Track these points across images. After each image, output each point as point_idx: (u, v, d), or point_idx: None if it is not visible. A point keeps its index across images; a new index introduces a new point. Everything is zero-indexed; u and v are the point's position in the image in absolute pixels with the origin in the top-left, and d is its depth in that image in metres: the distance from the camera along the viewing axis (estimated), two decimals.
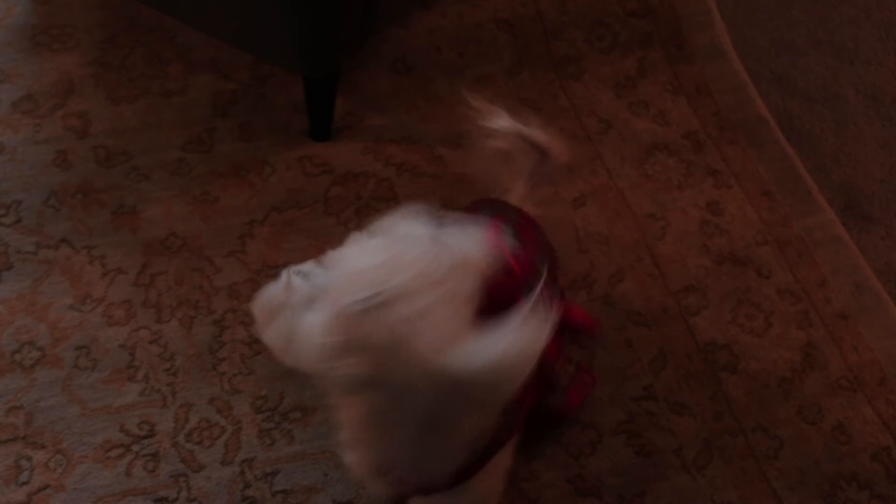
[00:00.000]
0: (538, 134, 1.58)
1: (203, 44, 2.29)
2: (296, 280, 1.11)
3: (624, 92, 2.33)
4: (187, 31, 2.29)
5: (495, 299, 1.15)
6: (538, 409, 1.55)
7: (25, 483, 1.69)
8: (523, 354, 1.06)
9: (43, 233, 1.98)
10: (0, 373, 1.80)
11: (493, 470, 1.39)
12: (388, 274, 1.06)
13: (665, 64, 2.40)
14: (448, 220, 1.16)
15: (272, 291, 1.13)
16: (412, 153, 2.15)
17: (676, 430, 1.83)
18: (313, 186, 2.08)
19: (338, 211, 2.04)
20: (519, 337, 1.05)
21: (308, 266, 1.12)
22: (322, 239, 2.00)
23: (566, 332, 1.68)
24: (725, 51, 2.44)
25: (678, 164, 2.21)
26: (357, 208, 2.05)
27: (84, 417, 1.76)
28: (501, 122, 1.56)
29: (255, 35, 2.05)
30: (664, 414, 1.85)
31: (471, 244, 1.15)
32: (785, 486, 1.79)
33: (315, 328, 1.08)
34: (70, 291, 1.90)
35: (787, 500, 1.77)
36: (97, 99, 2.19)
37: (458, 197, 2.08)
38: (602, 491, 1.75)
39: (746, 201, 2.16)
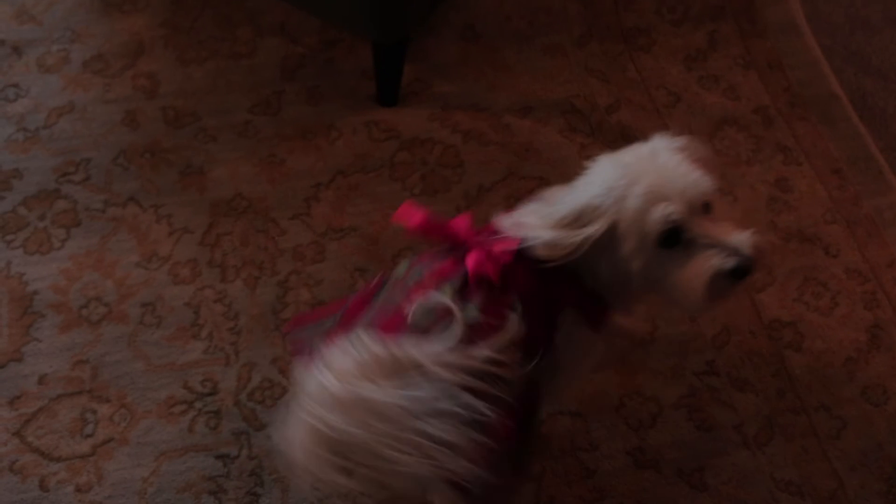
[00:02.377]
0: None
1: (272, 7, 2.29)
2: None
3: (694, 65, 2.30)
4: None
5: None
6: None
7: (90, 435, 1.72)
8: None
9: (111, 191, 2.00)
10: (67, 327, 1.83)
11: None
12: None
13: (737, 38, 2.36)
14: None
15: None
16: (479, 121, 2.14)
17: (738, 406, 1.81)
18: (379, 151, 2.08)
19: (403, 176, 2.04)
20: None
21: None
22: (387, 204, 2.00)
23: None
24: (799, 26, 2.40)
25: (747, 139, 2.18)
26: (423, 174, 2.05)
27: (148, 373, 1.79)
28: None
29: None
30: (726, 389, 1.83)
31: None
32: (846, 466, 1.77)
33: None
34: (137, 249, 1.93)
35: (847, 480, 1.75)
36: (166, 60, 2.21)
37: (523, 165, 2.07)
38: (661, 464, 1.74)
39: (816, 179, 2.13)
